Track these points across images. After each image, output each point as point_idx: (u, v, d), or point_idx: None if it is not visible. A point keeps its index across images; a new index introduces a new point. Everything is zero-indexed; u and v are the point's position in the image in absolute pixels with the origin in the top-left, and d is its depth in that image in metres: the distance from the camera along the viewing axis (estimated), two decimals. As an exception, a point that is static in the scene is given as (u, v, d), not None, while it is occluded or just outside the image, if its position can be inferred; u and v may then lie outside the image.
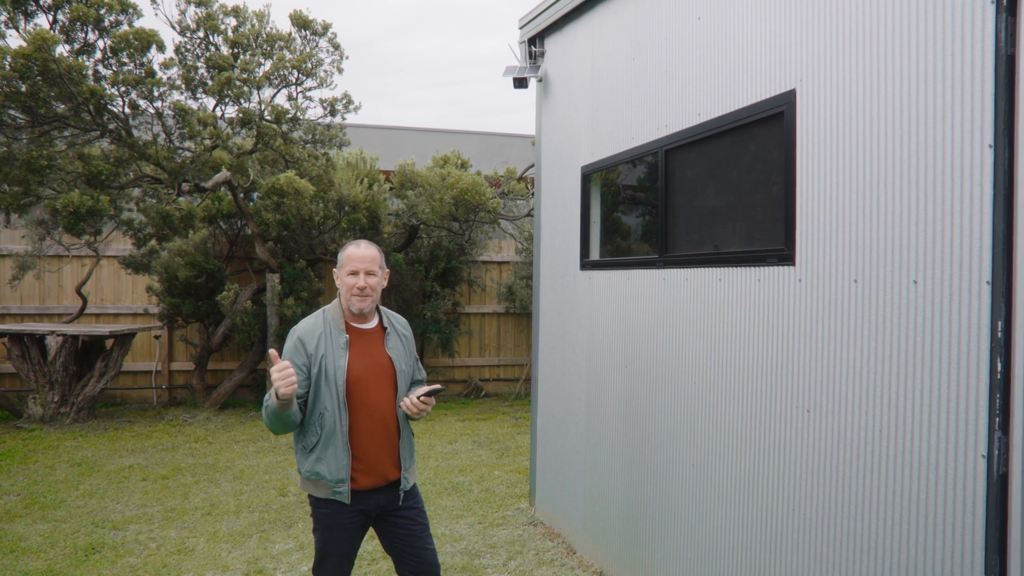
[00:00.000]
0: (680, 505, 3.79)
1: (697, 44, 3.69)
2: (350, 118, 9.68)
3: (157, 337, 10.12)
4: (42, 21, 8.09)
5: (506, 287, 11.12)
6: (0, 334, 8.68)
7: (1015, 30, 2.19)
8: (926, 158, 2.45)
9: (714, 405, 3.53)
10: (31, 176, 7.78)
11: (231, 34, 8.89)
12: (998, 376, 2.20)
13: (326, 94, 14.51)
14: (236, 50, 8.91)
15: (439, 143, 13.44)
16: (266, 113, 9.05)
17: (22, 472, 6.60)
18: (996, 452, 2.21)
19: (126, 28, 8.03)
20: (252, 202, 9.81)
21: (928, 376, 2.43)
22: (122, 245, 9.93)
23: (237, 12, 8.90)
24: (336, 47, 9.31)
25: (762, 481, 3.20)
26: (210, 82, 8.65)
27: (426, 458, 7.31)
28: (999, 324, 2.20)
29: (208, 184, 8.67)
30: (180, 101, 8.61)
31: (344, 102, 9.45)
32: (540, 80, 5.69)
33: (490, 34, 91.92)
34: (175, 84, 8.60)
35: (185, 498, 5.93)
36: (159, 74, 8.38)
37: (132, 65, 8.17)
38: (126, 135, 8.33)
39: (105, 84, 8.10)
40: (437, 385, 3.03)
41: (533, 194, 7.92)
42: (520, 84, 5.67)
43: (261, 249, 9.32)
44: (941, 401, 2.38)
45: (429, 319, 10.44)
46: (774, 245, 3.17)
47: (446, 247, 10.68)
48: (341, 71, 9.35)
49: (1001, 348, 2.20)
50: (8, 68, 7.33)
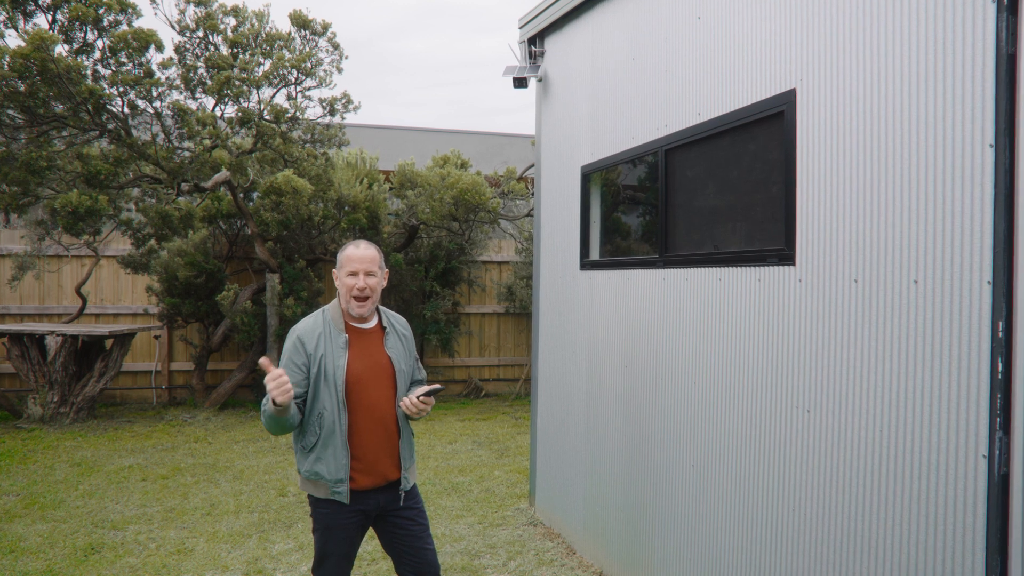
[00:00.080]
0: (680, 505, 3.78)
1: (697, 44, 3.69)
2: (350, 118, 9.68)
3: (157, 337, 10.11)
4: (41, 21, 8.08)
5: (506, 287, 11.11)
6: (0, 334, 8.68)
7: (1016, 29, 2.19)
8: (927, 157, 2.44)
9: (714, 405, 3.52)
10: (30, 177, 7.77)
11: (230, 34, 8.89)
12: (999, 376, 2.20)
13: (325, 94, 14.55)
14: (235, 50, 8.91)
15: (439, 143, 13.44)
16: (265, 112, 9.04)
17: (21, 472, 6.59)
18: (997, 452, 2.20)
19: (125, 28, 8.03)
20: (252, 202, 9.81)
21: (929, 376, 2.42)
22: (121, 245, 9.92)
23: (236, 12, 8.90)
24: (335, 47, 9.31)
25: (762, 481, 3.19)
26: (209, 82, 8.65)
27: (426, 458, 7.31)
28: (1000, 324, 2.20)
29: (208, 184, 8.66)
30: (179, 101, 8.61)
31: (343, 102, 9.45)
32: (540, 80, 5.69)
33: (490, 34, 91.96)
34: (174, 84, 8.59)
35: (185, 498, 5.92)
36: (157, 74, 8.37)
37: (131, 65, 8.17)
38: (125, 135, 8.32)
39: (104, 84, 8.10)
40: (437, 385, 3.02)
41: (533, 194, 7.91)
42: (520, 84, 5.67)
43: (261, 249, 9.31)
44: (942, 401, 2.38)
45: (429, 319, 10.43)
46: (774, 245, 3.17)
47: (446, 247, 10.67)
48: (340, 71, 9.35)
49: (1002, 348, 2.19)
50: (7, 68, 7.32)
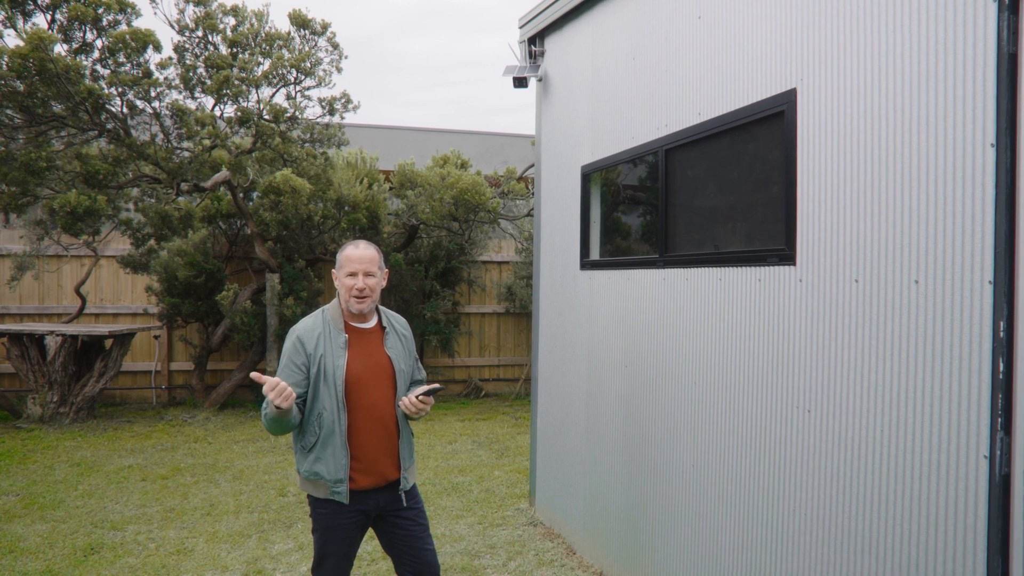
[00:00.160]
0: (680, 505, 3.78)
1: (697, 43, 3.68)
2: (350, 118, 9.67)
3: (156, 337, 10.10)
4: (40, 21, 8.07)
5: (506, 287, 11.11)
6: (0, 334, 8.67)
7: (1017, 28, 2.19)
8: (927, 157, 2.44)
9: (714, 405, 3.52)
10: (29, 177, 7.76)
11: (230, 33, 8.88)
12: (1000, 376, 2.19)
13: (325, 93, 14.49)
14: (235, 49, 8.90)
15: (439, 143, 13.43)
16: (265, 112, 9.04)
17: (21, 472, 6.59)
18: (998, 453, 2.20)
19: (124, 28, 8.02)
20: (251, 202, 9.80)
21: (930, 376, 2.42)
22: (121, 245, 9.91)
23: (236, 11, 8.89)
24: (335, 46, 9.30)
25: (763, 481, 3.19)
26: (208, 81, 8.64)
27: (426, 458, 7.30)
28: (1001, 324, 2.19)
29: (207, 184, 8.66)
30: (178, 101, 8.60)
31: (343, 101, 9.44)
32: (540, 80, 5.68)
33: (490, 34, 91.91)
34: (173, 84, 8.59)
35: (184, 498, 5.92)
36: (156, 74, 8.36)
37: (129, 65, 8.16)
38: (124, 135, 8.31)
39: (103, 84, 8.09)
40: (436, 384, 3.02)
41: (533, 194, 7.91)
42: (520, 84, 5.66)
43: (260, 249, 9.30)
44: (943, 401, 2.37)
45: (429, 319, 10.43)
46: (775, 245, 3.16)
47: (446, 247, 10.66)
48: (340, 70, 9.34)
49: (1003, 348, 2.19)
50: (5, 68, 7.32)
